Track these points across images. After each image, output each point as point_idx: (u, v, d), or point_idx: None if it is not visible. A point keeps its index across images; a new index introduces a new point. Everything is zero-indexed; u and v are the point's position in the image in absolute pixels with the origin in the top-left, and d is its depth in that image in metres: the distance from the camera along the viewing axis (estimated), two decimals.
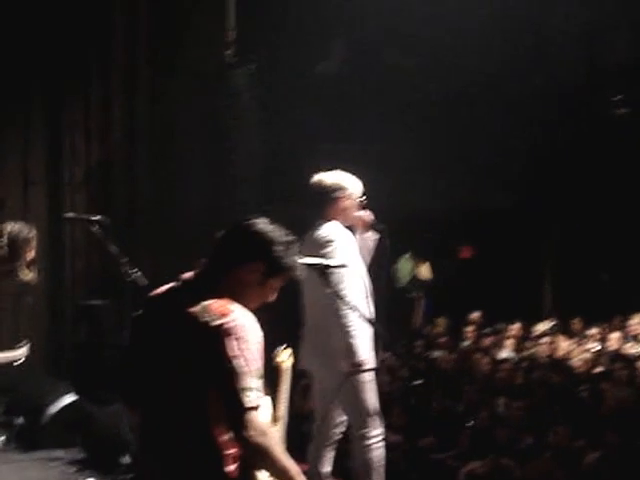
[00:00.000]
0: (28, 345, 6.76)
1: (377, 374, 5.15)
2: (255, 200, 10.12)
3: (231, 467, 2.92)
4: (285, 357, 3.73)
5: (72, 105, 9.98)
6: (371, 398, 5.07)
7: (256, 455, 2.88)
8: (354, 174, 5.37)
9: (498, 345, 10.63)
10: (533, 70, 10.71)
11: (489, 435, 7.24)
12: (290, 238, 3.18)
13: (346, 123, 10.87)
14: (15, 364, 6.52)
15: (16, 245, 6.70)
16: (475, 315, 11.76)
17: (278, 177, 10.38)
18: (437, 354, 10.19)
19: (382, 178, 9.72)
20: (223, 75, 10.27)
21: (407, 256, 11.73)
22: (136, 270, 6.12)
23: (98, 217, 6.48)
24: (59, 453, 6.93)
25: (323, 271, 4.68)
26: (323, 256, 4.90)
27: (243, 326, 2.90)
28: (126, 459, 6.09)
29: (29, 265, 6.55)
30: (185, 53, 10.08)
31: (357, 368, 4.90)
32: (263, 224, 3.15)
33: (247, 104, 10.41)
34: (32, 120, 9.89)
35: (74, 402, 7.34)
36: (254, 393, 2.85)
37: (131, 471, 5.93)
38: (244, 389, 2.83)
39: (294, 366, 3.86)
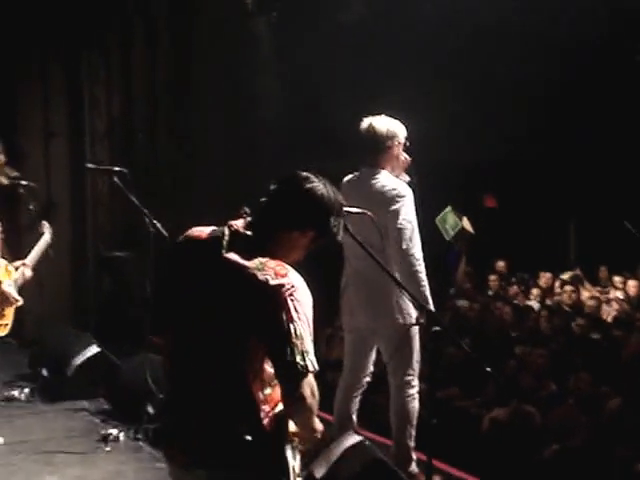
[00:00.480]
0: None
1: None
2: (274, 151, 10.08)
3: (265, 421, 2.92)
4: None
5: (92, 58, 9.97)
6: (418, 350, 5.10)
7: (301, 414, 2.89)
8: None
9: (524, 294, 10.62)
10: (554, 19, 10.50)
11: (512, 383, 7.25)
12: (342, 202, 3.08)
13: (365, 72, 10.73)
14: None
15: None
16: (500, 264, 11.74)
17: (298, 126, 10.30)
18: (461, 303, 10.19)
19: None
20: (244, 24, 10.18)
21: (449, 209, 11.60)
22: (157, 222, 6.14)
23: (119, 168, 6.49)
24: (83, 404, 7.01)
25: (399, 229, 4.73)
26: (395, 211, 4.84)
27: (299, 289, 2.87)
28: (150, 409, 6.14)
29: None
30: (205, 2, 9.99)
31: (420, 321, 4.83)
32: (316, 186, 3.02)
33: (267, 53, 10.33)
34: (52, 73, 9.92)
35: (98, 353, 7.41)
36: (311, 356, 2.84)
37: (155, 421, 5.99)
38: (305, 352, 2.81)
39: None
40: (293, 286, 2.85)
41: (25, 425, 6.64)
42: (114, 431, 6.14)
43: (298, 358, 2.80)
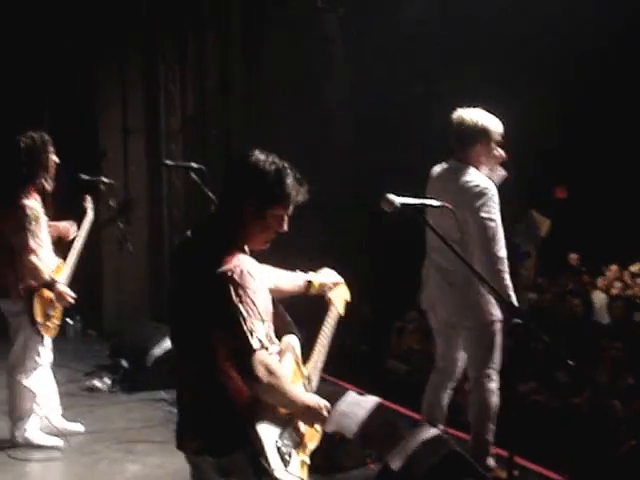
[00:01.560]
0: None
1: None
2: (345, 143, 10.11)
3: (240, 407, 2.98)
4: (336, 294, 3.65)
5: (168, 57, 10.14)
6: (500, 345, 5.02)
7: (265, 394, 2.92)
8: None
9: (595, 286, 10.49)
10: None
11: (590, 376, 7.17)
12: (281, 164, 3.12)
13: (434, 67, 10.68)
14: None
15: None
16: (572, 256, 11.63)
17: (367, 120, 10.30)
18: (532, 296, 10.10)
19: None
20: (313, 20, 10.22)
21: (535, 212, 11.47)
22: None
23: (196, 164, 6.60)
24: (162, 394, 7.09)
25: (481, 226, 4.67)
26: (477, 208, 4.73)
27: (242, 272, 2.92)
28: None
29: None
30: (276, 1, 10.06)
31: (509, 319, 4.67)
32: (252, 156, 3.11)
33: (337, 49, 10.35)
34: (130, 73, 10.14)
35: None
36: (258, 335, 2.88)
37: None
38: (249, 331, 2.87)
39: (350, 304, 3.76)
40: (234, 271, 2.91)
41: (106, 415, 6.80)
42: None
43: (240, 339, 2.87)
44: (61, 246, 6.17)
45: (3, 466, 5.65)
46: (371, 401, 5.53)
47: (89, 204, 6.48)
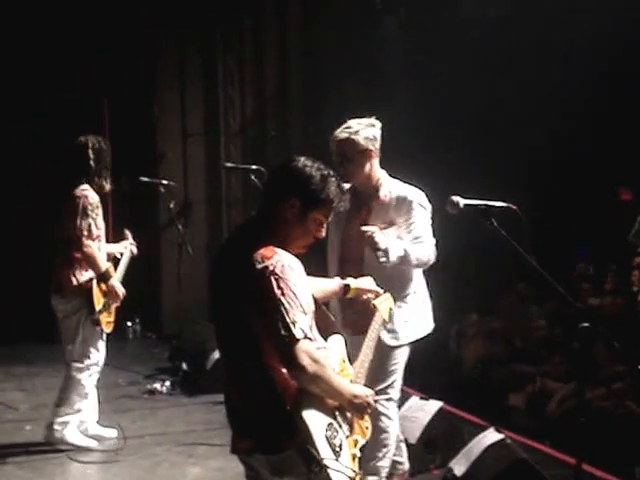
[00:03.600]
0: None
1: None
2: (404, 146, 10.01)
3: (286, 397, 2.99)
4: (380, 301, 3.74)
5: (227, 60, 10.19)
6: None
7: (312, 383, 2.95)
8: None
9: None
10: None
11: None
12: (327, 171, 3.19)
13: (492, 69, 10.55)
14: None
15: None
16: (638, 260, 11.35)
17: (427, 123, 10.22)
18: (592, 301, 9.88)
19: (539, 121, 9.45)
20: (372, 21, 10.16)
21: None
22: None
23: (256, 167, 6.61)
24: (222, 397, 7.09)
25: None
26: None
27: (284, 267, 2.98)
28: None
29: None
30: (335, 2, 10.04)
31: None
32: (299, 161, 3.19)
33: (396, 50, 10.28)
34: (189, 76, 10.20)
35: None
36: (301, 325, 2.92)
37: None
38: (291, 322, 2.91)
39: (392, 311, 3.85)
40: (275, 266, 2.98)
41: (167, 417, 6.85)
42: None
43: (283, 330, 2.91)
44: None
45: (63, 467, 5.73)
46: (434, 406, 5.48)
47: (128, 241, 6.51)
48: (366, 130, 4.71)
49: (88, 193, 5.77)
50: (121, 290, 5.93)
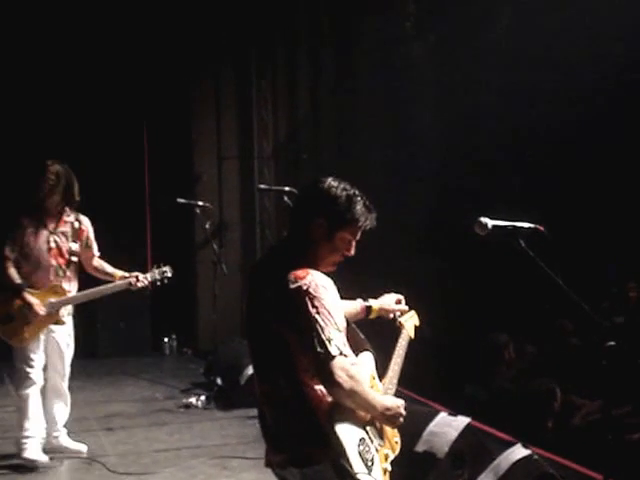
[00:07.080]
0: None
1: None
2: (433, 172, 10.13)
3: (319, 412, 3.04)
4: (406, 318, 3.80)
5: (261, 84, 10.41)
6: None
7: (348, 399, 2.97)
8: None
9: None
10: None
11: None
12: (352, 191, 3.21)
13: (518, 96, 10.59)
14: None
15: None
16: None
17: (455, 148, 10.30)
18: (618, 320, 9.85)
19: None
20: (402, 47, 10.31)
21: None
22: None
23: (288, 188, 6.80)
24: (256, 412, 7.19)
25: None
26: None
27: (317, 286, 3.03)
28: None
29: None
30: (365, 27, 10.21)
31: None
32: (325, 182, 3.21)
33: (425, 76, 10.41)
34: (224, 102, 10.43)
35: None
36: (336, 342, 2.96)
37: None
38: (327, 340, 2.95)
39: (417, 328, 3.88)
40: (309, 285, 3.02)
41: (202, 430, 6.97)
42: None
43: (319, 348, 2.94)
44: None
45: (101, 479, 5.84)
46: (462, 422, 5.53)
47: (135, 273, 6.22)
48: None
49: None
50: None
